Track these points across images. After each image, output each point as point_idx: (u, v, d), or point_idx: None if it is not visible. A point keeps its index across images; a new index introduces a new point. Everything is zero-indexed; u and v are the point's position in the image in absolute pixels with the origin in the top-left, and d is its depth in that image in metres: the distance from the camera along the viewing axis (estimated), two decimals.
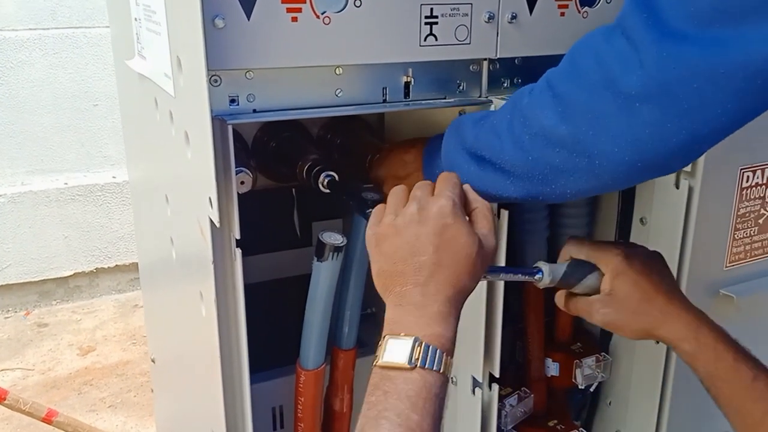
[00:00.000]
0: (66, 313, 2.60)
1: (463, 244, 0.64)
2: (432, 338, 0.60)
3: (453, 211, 0.65)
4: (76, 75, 2.56)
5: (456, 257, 0.64)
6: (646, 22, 0.57)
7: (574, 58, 0.65)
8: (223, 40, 0.69)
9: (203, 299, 0.82)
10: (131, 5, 0.98)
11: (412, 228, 0.65)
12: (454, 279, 0.64)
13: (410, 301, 0.63)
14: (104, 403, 2.06)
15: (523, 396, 1.10)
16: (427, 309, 0.62)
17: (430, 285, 0.63)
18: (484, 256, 0.66)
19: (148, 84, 0.96)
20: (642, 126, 0.59)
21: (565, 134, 0.64)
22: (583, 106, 0.62)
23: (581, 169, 0.65)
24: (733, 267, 1.01)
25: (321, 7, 0.73)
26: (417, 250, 0.64)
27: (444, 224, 0.64)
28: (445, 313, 0.62)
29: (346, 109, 0.79)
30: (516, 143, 0.69)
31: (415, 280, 0.63)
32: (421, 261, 0.63)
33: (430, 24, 0.78)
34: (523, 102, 0.69)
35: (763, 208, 1.01)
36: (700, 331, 0.76)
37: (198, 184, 0.76)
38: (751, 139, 0.95)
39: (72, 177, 2.64)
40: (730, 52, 0.54)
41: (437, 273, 0.63)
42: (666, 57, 0.56)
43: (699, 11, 0.54)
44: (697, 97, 0.56)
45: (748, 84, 0.54)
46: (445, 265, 0.63)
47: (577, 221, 1.10)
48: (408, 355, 0.59)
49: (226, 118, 0.71)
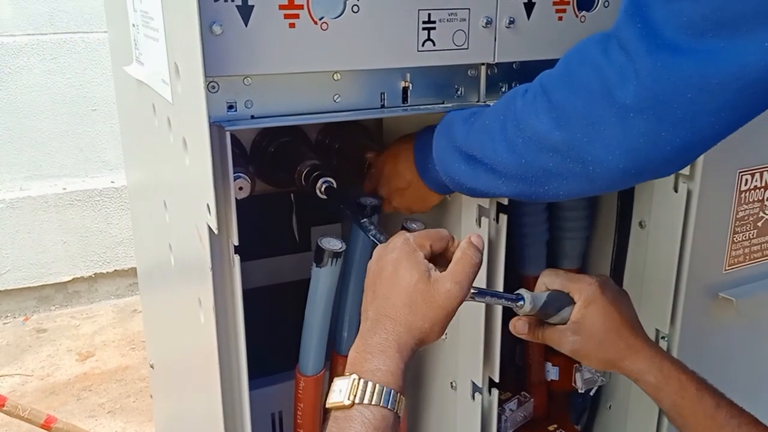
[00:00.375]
0: (65, 319, 2.60)
1: (402, 275, 0.65)
2: (369, 373, 0.62)
3: (400, 245, 0.67)
4: (74, 80, 2.55)
5: (394, 289, 0.65)
6: (640, 33, 0.57)
7: (570, 66, 0.65)
8: (221, 46, 0.69)
9: (202, 306, 0.82)
10: (129, 11, 0.98)
11: (372, 266, 0.69)
12: (393, 311, 0.65)
13: (360, 335, 0.66)
14: (103, 409, 2.06)
15: (523, 400, 1.10)
16: (368, 340, 0.64)
17: (373, 318, 0.66)
18: (428, 294, 0.65)
19: (146, 90, 0.96)
20: (636, 135, 0.59)
21: (560, 140, 0.64)
22: (579, 113, 0.62)
23: (575, 173, 0.65)
24: (732, 270, 1.01)
25: (318, 12, 0.72)
26: (371, 283, 0.68)
27: (390, 258, 0.67)
28: (383, 345, 0.63)
29: (345, 115, 0.79)
30: (509, 146, 0.69)
31: (367, 312, 0.67)
32: (373, 292, 0.67)
33: (427, 29, 0.78)
34: (516, 105, 0.69)
35: (762, 211, 1.01)
36: (663, 363, 0.78)
37: (196, 191, 0.76)
38: (749, 142, 0.96)
39: (70, 182, 2.63)
40: (723, 63, 0.54)
41: (380, 305, 0.66)
42: (660, 68, 0.56)
43: (692, 22, 0.55)
44: (690, 107, 0.56)
45: (741, 94, 0.55)
46: (385, 296, 0.66)
47: (576, 224, 1.10)
48: (346, 393, 0.61)
49: (224, 125, 0.71)
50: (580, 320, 0.79)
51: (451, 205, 0.94)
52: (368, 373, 0.62)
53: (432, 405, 1.08)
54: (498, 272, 0.89)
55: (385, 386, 0.61)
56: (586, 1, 0.86)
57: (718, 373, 1.07)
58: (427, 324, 0.65)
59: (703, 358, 1.03)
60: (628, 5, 0.60)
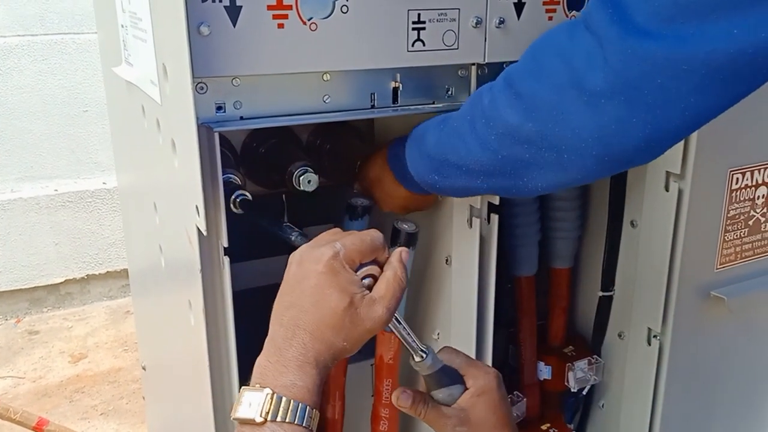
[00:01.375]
0: (57, 321, 2.59)
1: (329, 296, 0.61)
2: (284, 388, 0.58)
3: (328, 261, 0.61)
4: (65, 81, 2.54)
5: (318, 306, 0.61)
6: (611, 18, 0.57)
7: (537, 56, 0.65)
8: (209, 47, 0.69)
9: (192, 308, 0.81)
10: (118, 12, 0.98)
11: (292, 267, 0.64)
12: (313, 327, 0.61)
13: (273, 341, 0.61)
14: (96, 411, 2.05)
15: (516, 400, 1.10)
16: (283, 353, 0.60)
17: (290, 327, 0.61)
18: (356, 318, 0.61)
19: (136, 91, 0.96)
20: (608, 121, 0.59)
21: (532, 131, 0.64)
22: (548, 103, 0.62)
23: (550, 162, 0.65)
24: (723, 269, 1.01)
25: (307, 13, 0.72)
26: (288, 290, 0.63)
27: (315, 270, 0.61)
28: (300, 360, 0.60)
29: (334, 116, 0.79)
30: (482, 144, 0.69)
31: (281, 320, 0.62)
32: (290, 301, 0.62)
33: (417, 29, 0.78)
34: (483, 103, 0.69)
35: (752, 210, 1.01)
36: None
37: (185, 192, 0.76)
38: (739, 141, 0.96)
39: (62, 183, 2.62)
40: (692, 48, 0.54)
41: (298, 317, 0.61)
42: (630, 53, 0.56)
43: (662, 7, 0.55)
44: (660, 92, 0.57)
45: (710, 80, 0.55)
46: (306, 310, 0.61)
47: (567, 224, 1.10)
48: (258, 408, 0.57)
49: (212, 126, 0.70)
50: (469, 409, 0.72)
51: (443, 206, 0.94)
52: (284, 388, 0.58)
53: None
54: (490, 273, 0.89)
55: (300, 402, 0.57)
56: (576, 0, 0.86)
57: (710, 371, 1.07)
58: (348, 344, 0.62)
59: (695, 356, 1.04)
60: None
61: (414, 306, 1.02)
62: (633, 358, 1.07)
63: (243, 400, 0.58)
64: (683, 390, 1.04)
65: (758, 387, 1.08)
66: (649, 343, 1.02)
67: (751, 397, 1.09)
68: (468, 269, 0.90)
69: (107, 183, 2.66)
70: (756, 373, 1.11)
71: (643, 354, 1.03)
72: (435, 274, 0.98)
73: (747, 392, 1.11)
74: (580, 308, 1.18)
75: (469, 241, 0.88)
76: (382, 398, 1.00)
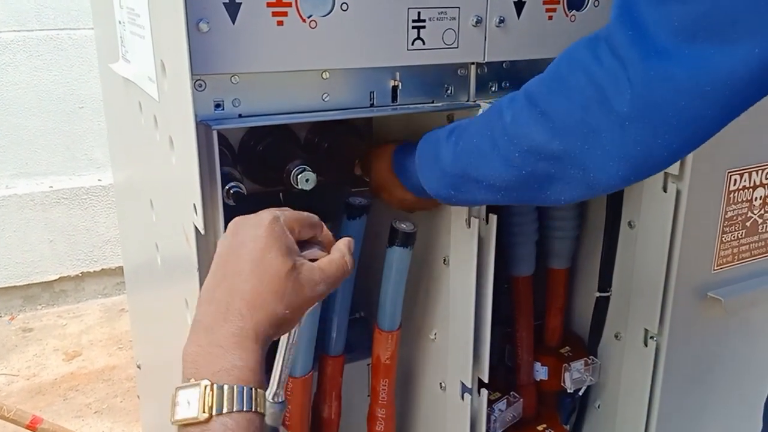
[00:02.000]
0: (51, 318, 2.58)
1: (270, 260, 0.55)
2: (224, 373, 0.50)
3: (269, 224, 0.56)
4: (60, 77, 2.53)
5: (258, 272, 0.54)
6: (632, 39, 0.57)
7: (561, 72, 0.65)
8: (208, 44, 0.68)
9: (188, 306, 0.81)
10: (115, 8, 0.97)
11: (227, 239, 0.58)
12: (253, 295, 0.54)
13: (201, 322, 0.53)
14: (90, 409, 2.04)
15: (512, 400, 1.10)
16: (216, 333, 0.52)
17: (223, 302, 0.53)
18: (298, 284, 0.56)
19: (133, 87, 0.95)
20: (633, 143, 0.60)
21: (558, 149, 0.64)
22: (576, 121, 0.62)
23: (576, 179, 0.65)
24: (720, 270, 1.01)
25: (307, 10, 0.72)
26: (222, 262, 0.56)
27: (254, 235, 0.56)
28: (239, 335, 0.52)
29: (333, 114, 0.78)
30: (506, 162, 0.69)
31: (211, 297, 0.54)
32: (223, 273, 0.55)
33: (417, 28, 0.78)
34: (505, 120, 0.69)
35: (750, 211, 1.01)
36: None
37: (182, 190, 0.75)
38: (738, 143, 0.96)
39: (57, 180, 2.61)
40: (714, 68, 0.54)
41: (233, 288, 0.54)
42: (653, 76, 0.56)
43: (683, 26, 0.55)
44: (684, 113, 0.57)
45: (732, 98, 0.56)
46: (244, 279, 0.54)
47: (565, 224, 1.10)
48: (199, 405, 0.49)
49: (210, 123, 0.70)
50: None
51: (441, 206, 0.93)
52: (222, 374, 0.50)
53: (421, 406, 1.08)
54: (488, 273, 0.89)
55: (244, 386, 0.50)
56: (577, 0, 0.86)
57: (706, 372, 1.07)
58: (289, 312, 0.55)
59: (691, 357, 1.04)
60: (618, 10, 0.59)
61: (411, 306, 1.02)
62: (629, 358, 1.06)
63: (179, 400, 0.50)
64: (679, 391, 1.04)
65: (754, 388, 1.08)
66: (645, 344, 1.02)
67: (747, 398, 1.09)
68: (466, 269, 0.89)
69: (102, 180, 2.65)
70: (752, 374, 1.12)
71: (640, 355, 1.03)
72: (433, 274, 0.98)
73: (743, 393, 1.11)
74: (577, 308, 1.18)
75: (468, 241, 0.88)
76: (378, 398, 1.00)
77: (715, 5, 0.53)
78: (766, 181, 1.00)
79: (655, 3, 0.56)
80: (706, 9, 0.54)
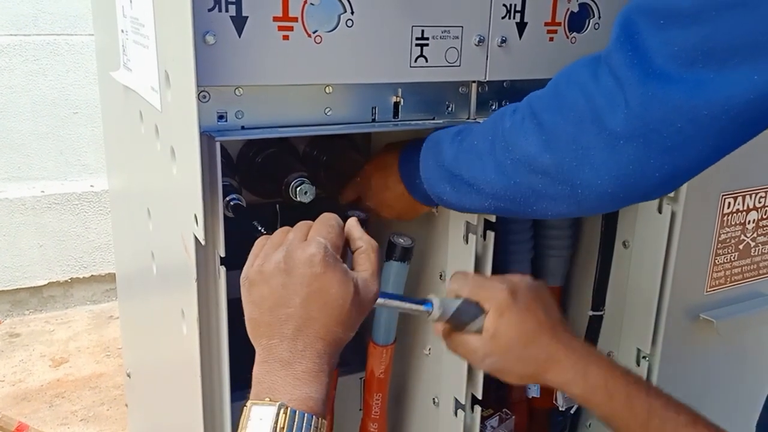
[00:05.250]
0: (39, 324, 2.55)
1: (335, 294, 0.59)
2: (299, 402, 0.55)
3: (323, 259, 0.59)
4: (56, 82, 2.52)
5: (326, 309, 0.59)
6: (631, 61, 0.58)
7: (560, 89, 0.66)
8: (214, 56, 0.69)
9: (185, 317, 0.81)
10: (118, 16, 0.97)
11: (277, 277, 0.60)
12: (324, 332, 0.59)
13: (276, 357, 0.58)
14: (76, 417, 2.02)
15: (504, 417, 1.10)
16: (294, 367, 0.57)
17: (298, 340, 0.58)
18: (360, 304, 0.61)
19: (133, 96, 0.95)
20: (626, 162, 0.60)
21: (549, 163, 0.64)
22: (568, 137, 0.63)
23: (564, 195, 0.65)
24: (713, 292, 1.02)
25: (313, 26, 0.72)
26: (283, 301, 0.59)
27: (312, 274, 0.59)
28: (315, 370, 0.57)
29: (335, 128, 0.79)
30: (498, 167, 0.69)
31: (282, 334, 0.59)
32: (288, 313, 0.59)
33: (420, 45, 0.78)
34: (505, 125, 0.69)
35: (743, 234, 1.02)
36: (588, 370, 0.70)
37: (183, 201, 0.75)
38: (732, 166, 0.96)
39: (49, 185, 2.59)
40: (712, 93, 0.55)
41: (305, 327, 0.58)
42: (651, 97, 0.57)
43: (682, 52, 0.55)
44: (679, 136, 0.57)
45: (729, 124, 0.56)
46: (314, 318, 0.59)
47: (560, 243, 1.11)
48: (272, 425, 0.54)
49: (213, 135, 0.70)
50: (493, 335, 0.70)
51: (439, 222, 0.94)
52: (299, 402, 0.55)
53: (414, 421, 1.08)
54: None
55: (314, 415, 0.55)
56: (577, 23, 0.87)
57: (697, 393, 1.08)
58: (352, 333, 0.61)
59: (683, 378, 1.04)
60: (619, 32, 0.60)
61: (406, 320, 1.02)
62: None
63: (252, 415, 0.55)
64: None
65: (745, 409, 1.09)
66: (638, 364, 1.02)
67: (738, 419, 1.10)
68: None
69: (95, 186, 2.64)
70: (741, 395, 1.12)
71: None
72: (428, 289, 0.98)
73: (733, 415, 1.11)
74: (570, 327, 1.18)
75: (465, 257, 0.88)
76: (371, 412, 0.99)
77: (715, 31, 0.54)
78: (759, 205, 1.01)
79: (655, 27, 0.57)
80: (706, 35, 0.54)
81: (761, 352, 1.09)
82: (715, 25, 0.54)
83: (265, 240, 0.65)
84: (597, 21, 0.88)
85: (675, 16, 0.56)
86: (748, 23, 0.53)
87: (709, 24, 0.54)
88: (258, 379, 0.58)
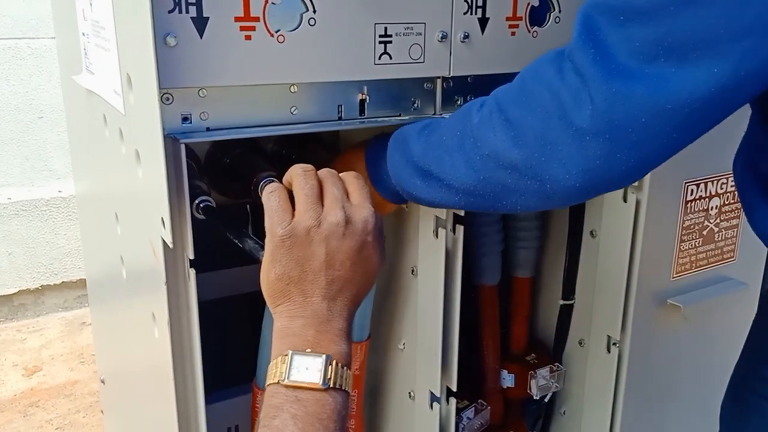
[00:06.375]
0: (10, 332, 2.51)
1: (375, 264, 0.64)
2: (340, 357, 0.59)
3: (375, 227, 0.64)
4: (19, 87, 2.48)
5: (366, 276, 0.64)
6: (593, 58, 0.59)
7: (526, 84, 0.66)
8: (175, 58, 0.68)
9: (156, 320, 0.80)
10: (79, 20, 0.96)
11: (334, 240, 0.62)
12: (358, 297, 0.64)
13: (314, 313, 0.61)
14: (51, 426, 1.99)
15: (479, 408, 1.11)
16: (332, 324, 0.61)
17: (338, 300, 0.62)
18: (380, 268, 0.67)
19: (97, 100, 0.94)
20: (593, 157, 0.61)
21: (517, 158, 0.65)
22: (535, 133, 0.63)
23: (532, 190, 0.66)
24: (679, 277, 1.04)
25: (275, 25, 0.72)
26: (335, 263, 0.62)
27: (365, 241, 0.63)
28: (347, 330, 0.62)
29: (301, 127, 0.79)
30: (467, 162, 0.70)
31: (325, 293, 0.61)
32: (336, 275, 0.62)
33: (384, 43, 0.79)
34: (473, 122, 0.70)
35: (706, 220, 1.04)
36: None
37: (150, 204, 0.75)
38: (694, 154, 0.98)
39: (16, 192, 2.55)
40: (675, 88, 0.56)
41: (346, 289, 0.62)
42: (615, 94, 0.58)
43: (643, 47, 0.56)
44: (644, 130, 0.58)
45: (692, 117, 0.57)
46: (356, 282, 0.63)
47: (529, 234, 1.12)
48: (322, 375, 0.56)
49: (178, 137, 0.70)
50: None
51: (408, 216, 0.94)
52: (339, 357, 0.59)
53: (390, 415, 1.08)
54: (455, 283, 0.90)
55: (347, 369, 0.59)
56: (538, 17, 0.88)
57: (667, 377, 1.10)
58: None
59: (652, 363, 1.06)
60: (580, 29, 0.61)
61: (379, 316, 1.02)
62: (593, 365, 1.09)
63: (297, 365, 0.56)
64: (642, 396, 1.07)
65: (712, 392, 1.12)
66: (608, 351, 1.04)
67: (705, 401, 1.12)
68: (434, 279, 0.90)
69: (63, 191, 2.60)
70: (709, 378, 1.15)
71: (603, 361, 1.05)
72: (401, 284, 0.99)
73: (700, 397, 1.14)
74: (542, 316, 1.20)
75: (435, 251, 0.89)
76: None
77: (675, 27, 0.55)
78: (721, 191, 1.04)
79: (616, 24, 0.58)
80: (666, 30, 0.55)
81: (726, 335, 1.11)
82: (674, 21, 0.55)
83: (275, 187, 0.66)
84: (558, 15, 0.89)
85: (633, 13, 0.57)
86: (706, 17, 0.54)
87: (669, 19, 0.55)
88: (291, 331, 0.60)
